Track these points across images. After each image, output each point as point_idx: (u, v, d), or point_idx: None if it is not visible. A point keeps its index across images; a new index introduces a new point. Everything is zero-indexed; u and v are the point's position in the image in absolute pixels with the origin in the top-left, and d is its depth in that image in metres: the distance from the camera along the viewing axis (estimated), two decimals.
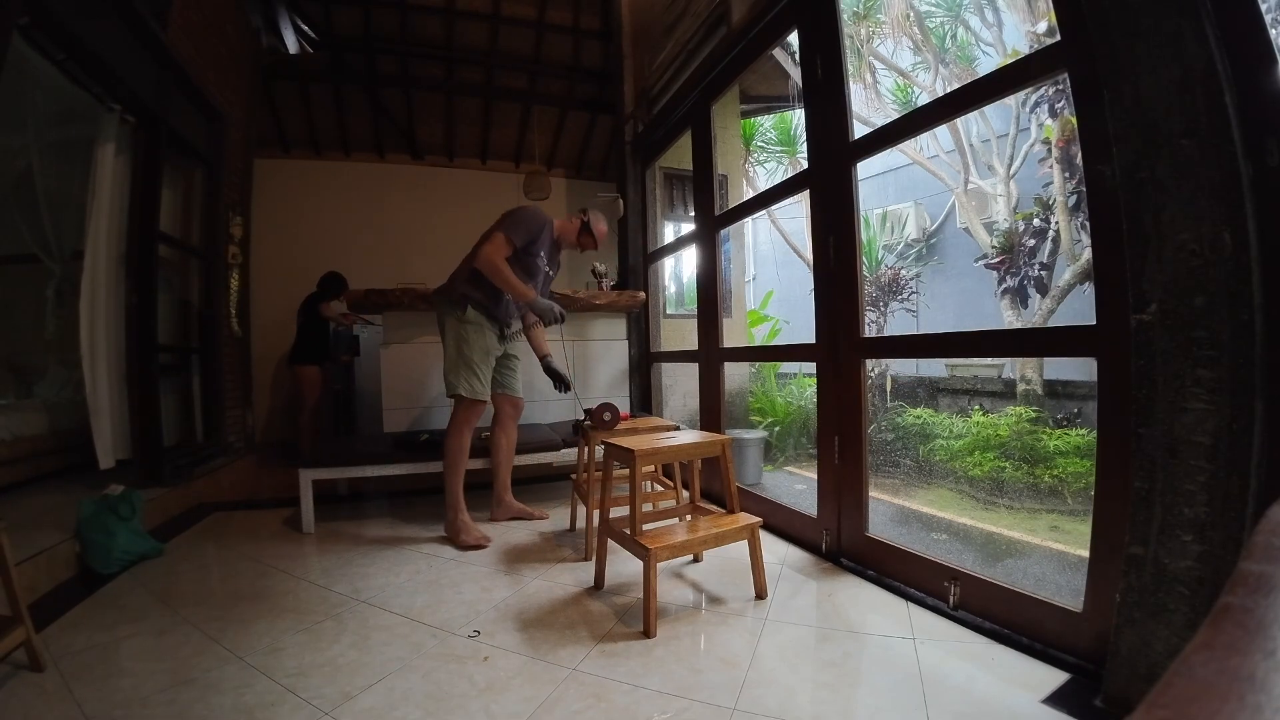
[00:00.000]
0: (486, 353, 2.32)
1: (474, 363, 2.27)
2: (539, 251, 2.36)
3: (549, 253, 2.44)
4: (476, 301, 2.30)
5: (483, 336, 2.30)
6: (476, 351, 2.28)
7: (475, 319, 2.29)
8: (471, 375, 2.26)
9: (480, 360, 2.28)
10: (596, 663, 1.35)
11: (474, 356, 2.27)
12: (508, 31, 4.94)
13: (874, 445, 4.04)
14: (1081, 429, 3.45)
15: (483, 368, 2.29)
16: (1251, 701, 0.17)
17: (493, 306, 2.34)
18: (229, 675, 1.32)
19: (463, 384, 2.25)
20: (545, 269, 2.44)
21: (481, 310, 2.32)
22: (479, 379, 2.27)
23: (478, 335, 2.29)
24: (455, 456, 2.28)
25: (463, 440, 2.29)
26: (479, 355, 2.28)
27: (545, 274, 2.45)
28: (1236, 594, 0.24)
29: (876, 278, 5.46)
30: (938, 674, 1.27)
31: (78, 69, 2.36)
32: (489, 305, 2.33)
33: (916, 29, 5.40)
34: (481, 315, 2.32)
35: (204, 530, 2.49)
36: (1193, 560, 1.02)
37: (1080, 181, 3.57)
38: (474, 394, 2.25)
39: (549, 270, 2.48)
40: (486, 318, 2.33)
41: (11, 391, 3.44)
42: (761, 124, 6.22)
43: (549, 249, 2.43)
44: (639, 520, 1.63)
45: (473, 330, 2.28)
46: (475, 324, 2.29)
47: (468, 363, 2.26)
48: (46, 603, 1.69)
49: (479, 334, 2.29)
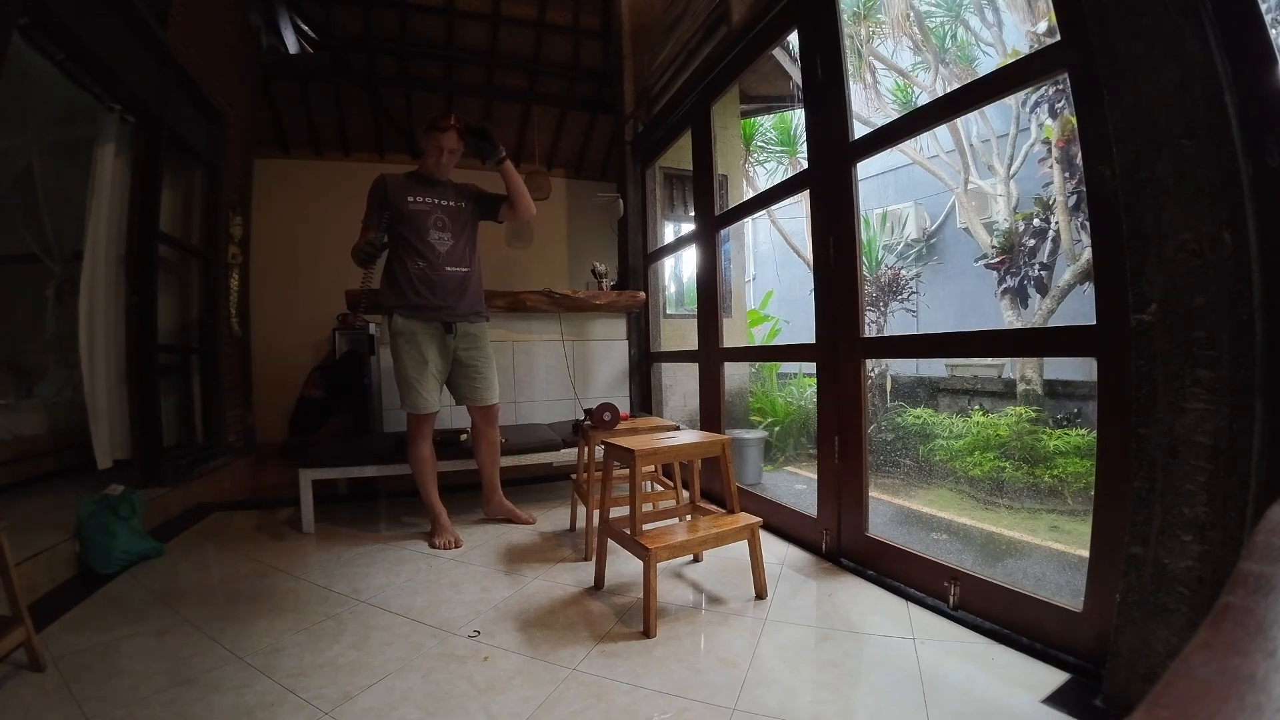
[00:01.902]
0: (424, 363, 2.21)
1: (410, 378, 2.20)
2: (402, 201, 2.16)
3: (415, 189, 2.20)
4: (395, 303, 2.19)
5: (415, 347, 2.19)
6: (411, 366, 2.20)
7: (403, 328, 2.18)
8: (410, 390, 2.20)
9: (416, 373, 2.20)
10: (596, 663, 1.35)
11: (409, 372, 2.20)
12: (508, 31, 4.94)
13: (874, 445, 4.04)
14: (1081, 429, 3.45)
15: (420, 379, 2.20)
16: (1251, 701, 0.17)
17: (411, 296, 2.17)
18: (229, 675, 1.31)
19: (405, 400, 2.22)
20: (426, 200, 2.20)
21: (406, 312, 2.19)
22: (418, 392, 2.19)
23: (408, 347, 2.19)
24: (415, 467, 2.27)
25: (419, 451, 2.26)
26: (414, 368, 2.20)
27: (436, 204, 2.22)
28: (1236, 594, 0.24)
29: (876, 278, 5.46)
30: (938, 674, 1.27)
31: (78, 69, 2.36)
32: (406, 297, 2.18)
33: (916, 29, 5.41)
34: (410, 319, 2.19)
35: (204, 530, 2.49)
36: (1193, 560, 1.02)
37: (1080, 181, 3.57)
38: (415, 409, 2.20)
39: (439, 200, 2.23)
40: (416, 319, 2.20)
41: (11, 391, 3.43)
42: (761, 124, 6.22)
43: (410, 188, 2.19)
44: (639, 520, 1.63)
45: (403, 343, 2.19)
46: (405, 334, 2.19)
47: (404, 379, 2.21)
48: (46, 603, 1.68)
49: (409, 346, 2.19)
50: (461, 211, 2.28)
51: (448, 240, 2.22)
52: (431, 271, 2.19)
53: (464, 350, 2.31)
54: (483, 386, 2.35)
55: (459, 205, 2.28)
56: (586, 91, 5.40)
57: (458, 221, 2.26)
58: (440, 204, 2.23)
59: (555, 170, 6.01)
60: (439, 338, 2.24)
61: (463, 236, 2.27)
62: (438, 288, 2.20)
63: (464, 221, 2.29)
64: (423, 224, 2.18)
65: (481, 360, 2.35)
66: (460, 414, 3.18)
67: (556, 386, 3.31)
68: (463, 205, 2.29)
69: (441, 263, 2.20)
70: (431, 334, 2.23)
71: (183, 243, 3.24)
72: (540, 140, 5.71)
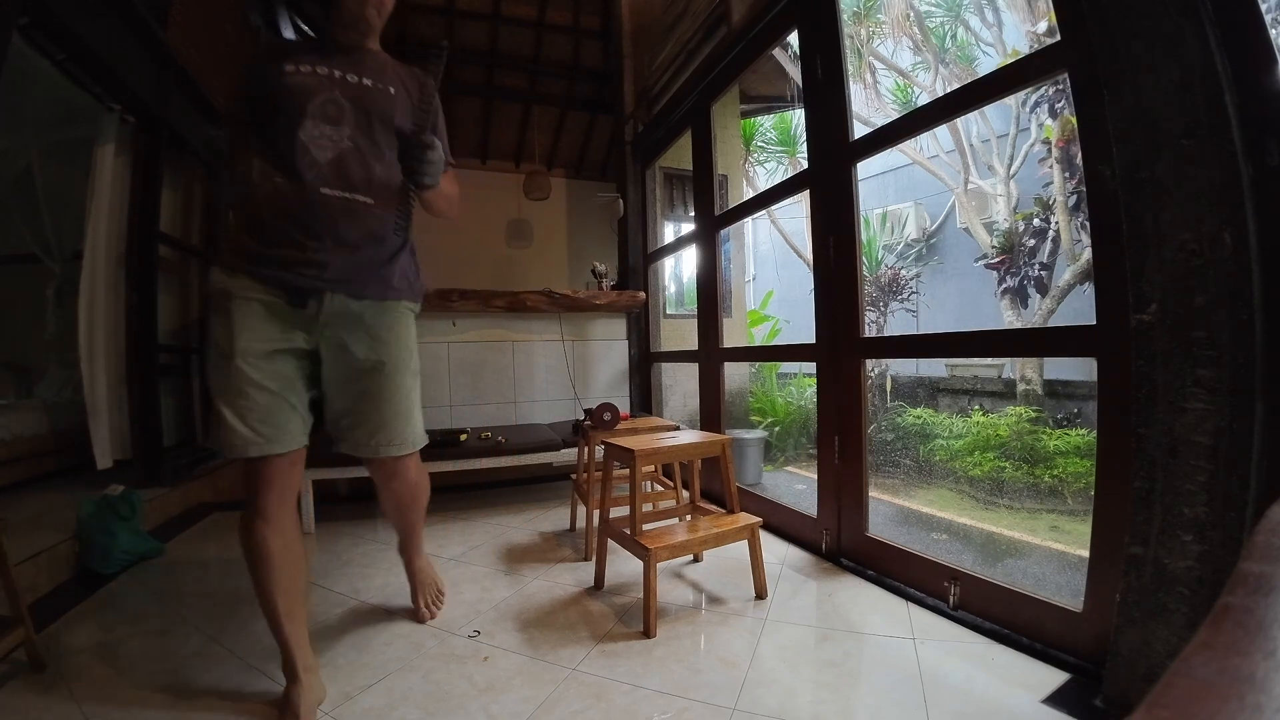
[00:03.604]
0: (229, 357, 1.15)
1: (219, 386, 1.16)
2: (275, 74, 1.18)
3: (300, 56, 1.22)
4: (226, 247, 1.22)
5: (228, 323, 1.16)
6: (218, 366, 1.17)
7: (221, 284, 1.18)
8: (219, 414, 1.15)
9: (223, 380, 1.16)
10: (596, 663, 1.35)
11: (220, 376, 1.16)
12: (508, 31, 4.95)
13: (874, 445, 4.04)
14: (1081, 429, 3.45)
15: (232, 393, 1.15)
16: (1251, 701, 0.17)
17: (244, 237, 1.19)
18: (229, 675, 1.32)
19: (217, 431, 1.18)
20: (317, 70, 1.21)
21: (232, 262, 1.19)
22: (233, 416, 1.14)
23: (221, 325, 1.17)
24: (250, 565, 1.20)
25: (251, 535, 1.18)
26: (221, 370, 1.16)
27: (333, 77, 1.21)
28: (1236, 594, 0.24)
29: (876, 278, 5.46)
30: (938, 674, 1.27)
31: (78, 69, 2.36)
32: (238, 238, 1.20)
33: (916, 29, 5.41)
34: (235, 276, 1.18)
35: (204, 530, 2.49)
36: (1193, 560, 1.02)
37: (1080, 181, 3.57)
38: (229, 448, 1.15)
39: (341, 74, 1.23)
40: (248, 275, 1.18)
41: (11, 391, 3.43)
42: (761, 124, 6.22)
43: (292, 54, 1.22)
44: (639, 520, 1.63)
45: (217, 322, 1.18)
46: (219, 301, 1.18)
47: (215, 386, 1.17)
48: (46, 603, 1.68)
49: (223, 323, 1.17)
50: (379, 100, 1.25)
51: (341, 140, 1.19)
52: (295, 192, 1.16)
53: (351, 346, 1.26)
54: (380, 422, 1.31)
55: (378, 89, 1.25)
56: (586, 91, 5.40)
57: (368, 115, 1.23)
58: (342, 79, 1.22)
59: (555, 170, 6.01)
60: (284, 316, 1.20)
61: (371, 143, 1.23)
62: (300, 221, 1.17)
63: (381, 120, 1.24)
64: (298, 108, 1.16)
65: (386, 374, 1.30)
66: (460, 414, 3.20)
67: (556, 386, 3.31)
68: (387, 92, 1.27)
69: (317, 179, 1.17)
70: (269, 307, 1.19)
71: (183, 243, 3.24)
72: (540, 140, 5.72)
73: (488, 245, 5.70)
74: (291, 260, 1.18)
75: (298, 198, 1.16)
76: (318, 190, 1.17)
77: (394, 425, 1.34)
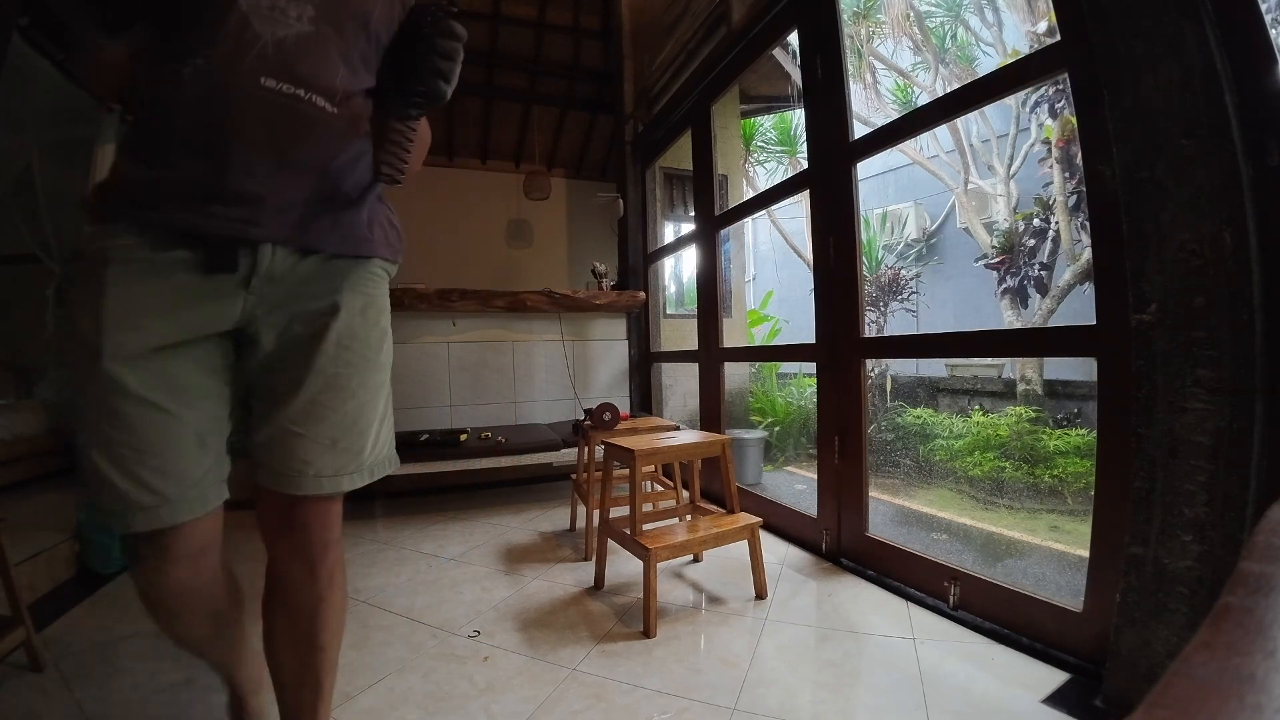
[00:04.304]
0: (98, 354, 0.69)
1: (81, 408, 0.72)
2: None
3: None
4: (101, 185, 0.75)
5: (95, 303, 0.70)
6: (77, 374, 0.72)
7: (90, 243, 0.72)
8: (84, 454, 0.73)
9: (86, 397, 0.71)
10: (596, 663, 1.35)
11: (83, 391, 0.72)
12: (508, 31, 4.95)
13: (874, 445, 4.04)
14: (1081, 429, 3.45)
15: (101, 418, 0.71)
16: (1251, 701, 0.17)
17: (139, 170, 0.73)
18: None
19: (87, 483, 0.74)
20: None
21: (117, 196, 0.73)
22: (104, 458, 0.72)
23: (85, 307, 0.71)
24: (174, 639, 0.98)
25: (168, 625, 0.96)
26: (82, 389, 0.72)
27: None
28: (1236, 594, 0.24)
29: (876, 278, 5.46)
30: (938, 674, 1.27)
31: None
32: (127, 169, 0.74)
33: (916, 29, 5.41)
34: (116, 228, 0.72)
35: None
36: (1193, 560, 1.02)
37: (1080, 181, 3.57)
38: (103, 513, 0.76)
39: None
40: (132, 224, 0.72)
41: (11, 391, 3.44)
42: (761, 124, 6.22)
43: None
44: (639, 520, 1.63)
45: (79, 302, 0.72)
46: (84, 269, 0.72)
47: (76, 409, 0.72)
48: (46, 603, 1.68)
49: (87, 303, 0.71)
50: None
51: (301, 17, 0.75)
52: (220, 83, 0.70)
53: (297, 327, 0.83)
54: (330, 437, 0.86)
55: None
56: (586, 91, 5.40)
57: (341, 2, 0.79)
58: None
59: (555, 170, 6.01)
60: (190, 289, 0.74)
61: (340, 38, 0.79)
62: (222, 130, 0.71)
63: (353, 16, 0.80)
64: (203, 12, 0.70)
65: (347, 364, 0.85)
66: (460, 414, 3.20)
67: (556, 386, 3.31)
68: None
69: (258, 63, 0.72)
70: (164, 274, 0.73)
71: None
72: (540, 140, 5.72)
73: (488, 245, 5.71)
74: (206, 192, 0.71)
75: (223, 90, 0.70)
76: (256, 80, 0.72)
77: (350, 439, 0.86)
